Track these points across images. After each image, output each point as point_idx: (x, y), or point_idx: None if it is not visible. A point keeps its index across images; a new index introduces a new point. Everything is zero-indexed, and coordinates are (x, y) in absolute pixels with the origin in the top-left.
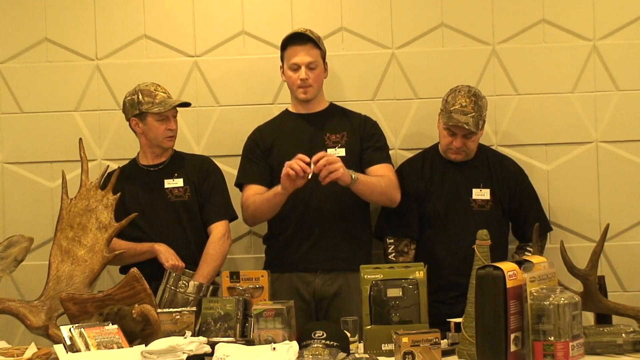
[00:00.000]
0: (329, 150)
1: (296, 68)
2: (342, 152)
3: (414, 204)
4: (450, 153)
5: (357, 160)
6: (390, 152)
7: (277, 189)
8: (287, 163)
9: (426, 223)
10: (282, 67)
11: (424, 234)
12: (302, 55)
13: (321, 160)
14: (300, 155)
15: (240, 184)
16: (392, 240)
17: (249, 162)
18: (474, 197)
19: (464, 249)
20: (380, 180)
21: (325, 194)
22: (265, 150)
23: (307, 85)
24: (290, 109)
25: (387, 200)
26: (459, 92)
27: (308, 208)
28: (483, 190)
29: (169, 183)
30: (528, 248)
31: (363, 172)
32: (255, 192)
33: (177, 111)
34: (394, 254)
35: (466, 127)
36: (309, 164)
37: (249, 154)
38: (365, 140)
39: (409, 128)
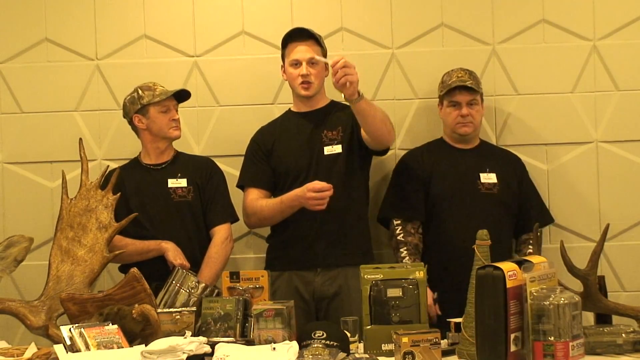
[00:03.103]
0: (325, 148)
1: (297, 64)
2: (338, 148)
3: (419, 186)
4: (458, 127)
5: (354, 152)
6: (390, 151)
7: (294, 203)
8: (312, 203)
9: (433, 205)
10: (282, 66)
11: (432, 216)
12: (303, 51)
13: (339, 62)
14: (312, 188)
15: (241, 186)
16: (399, 222)
17: (251, 164)
18: (482, 180)
19: (472, 231)
20: (380, 109)
21: None
22: (266, 152)
23: (309, 81)
24: (292, 109)
25: (386, 132)
26: (453, 70)
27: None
28: (490, 174)
29: (172, 183)
30: (530, 241)
31: (361, 163)
32: (257, 196)
33: (177, 104)
34: (402, 235)
35: (468, 84)
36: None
37: (251, 155)
38: (356, 124)
39: (408, 128)
